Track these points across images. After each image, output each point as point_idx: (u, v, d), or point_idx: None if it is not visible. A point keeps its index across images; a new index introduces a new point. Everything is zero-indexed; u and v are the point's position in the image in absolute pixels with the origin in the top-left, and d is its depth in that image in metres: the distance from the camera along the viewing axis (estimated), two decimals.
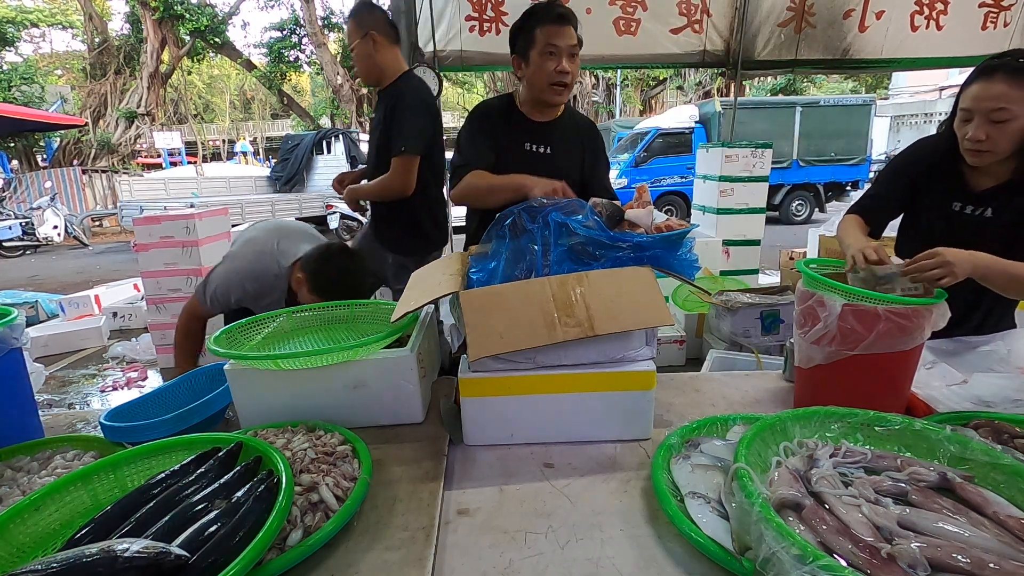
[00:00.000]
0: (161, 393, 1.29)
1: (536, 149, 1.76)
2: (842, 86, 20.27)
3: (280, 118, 28.17)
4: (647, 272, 1.10)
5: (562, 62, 1.61)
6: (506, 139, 1.74)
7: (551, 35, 1.60)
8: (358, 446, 1.00)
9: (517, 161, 1.71)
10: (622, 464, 1.04)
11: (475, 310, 1.05)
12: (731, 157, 4.37)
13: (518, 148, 1.74)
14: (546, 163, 1.73)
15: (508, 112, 1.77)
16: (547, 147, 1.76)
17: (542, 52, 1.61)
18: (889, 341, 0.99)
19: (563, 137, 1.79)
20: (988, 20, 4.01)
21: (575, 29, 1.63)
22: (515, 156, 1.73)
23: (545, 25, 1.60)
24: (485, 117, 1.78)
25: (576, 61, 1.65)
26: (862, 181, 10.92)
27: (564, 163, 1.76)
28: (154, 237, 3.65)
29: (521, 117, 1.76)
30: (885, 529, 0.69)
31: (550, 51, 1.61)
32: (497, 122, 1.75)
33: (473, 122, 1.79)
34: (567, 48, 1.61)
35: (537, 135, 1.76)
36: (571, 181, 1.73)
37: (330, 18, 17.31)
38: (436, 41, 3.88)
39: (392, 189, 2.05)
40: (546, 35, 1.60)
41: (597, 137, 1.90)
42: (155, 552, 0.64)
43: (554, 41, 1.60)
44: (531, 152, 1.75)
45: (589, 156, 1.85)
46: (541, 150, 1.76)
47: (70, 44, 23.37)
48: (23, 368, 1.16)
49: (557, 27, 1.59)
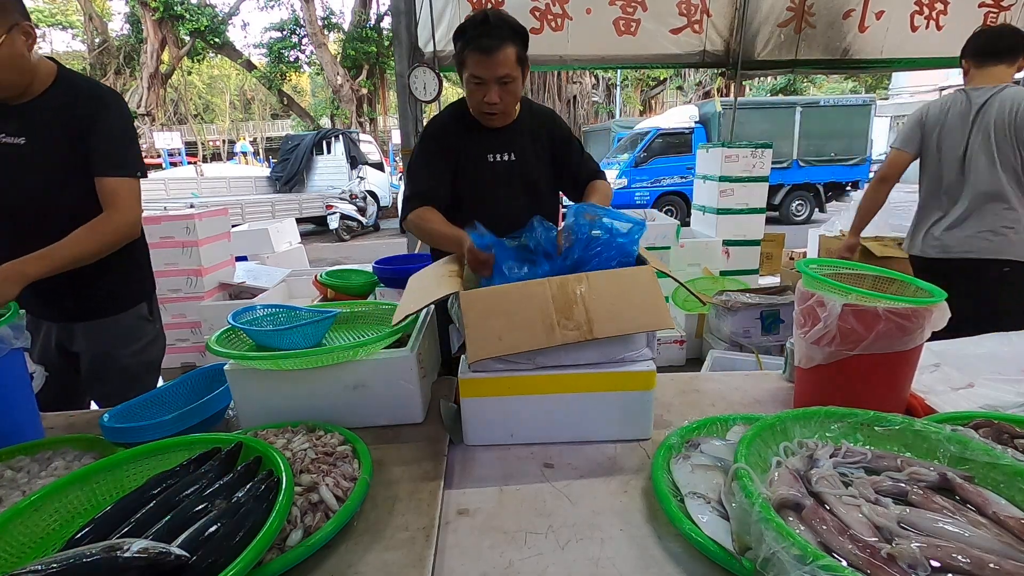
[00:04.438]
0: (161, 393, 1.29)
1: (500, 158, 1.64)
2: (842, 86, 20.28)
3: (280, 118, 28.18)
4: (648, 273, 1.10)
5: (490, 93, 1.47)
6: (466, 153, 1.62)
7: (476, 66, 1.45)
8: (358, 446, 1.00)
9: (482, 174, 1.62)
10: (622, 464, 1.04)
11: (475, 311, 1.05)
12: (731, 157, 4.38)
13: (481, 161, 1.63)
14: (511, 171, 1.65)
15: (464, 123, 1.63)
16: (510, 154, 1.65)
17: (471, 80, 1.48)
18: (889, 341, 0.98)
19: (525, 139, 1.67)
20: (988, 20, 4.02)
21: (517, 47, 1.46)
22: (479, 170, 1.63)
23: (472, 52, 1.44)
24: (440, 136, 1.63)
25: (511, 87, 1.49)
26: (862, 181, 10.91)
27: (531, 167, 1.67)
28: (154, 237, 3.64)
29: (478, 126, 1.62)
30: (885, 529, 0.69)
31: (475, 82, 1.47)
32: (454, 138, 1.62)
33: (428, 143, 1.64)
34: (494, 79, 1.45)
35: (498, 143, 1.64)
36: (542, 182, 1.70)
37: (330, 18, 17.34)
38: (436, 41, 3.88)
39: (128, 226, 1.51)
40: (473, 64, 1.45)
41: (560, 125, 1.76)
42: (155, 553, 0.64)
43: (478, 73, 1.45)
44: (495, 162, 1.64)
45: (560, 147, 1.72)
46: (505, 158, 1.64)
47: (70, 44, 23.40)
48: (23, 368, 1.16)
49: (484, 57, 1.43)
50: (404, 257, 3.16)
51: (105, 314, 1.61)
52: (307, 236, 10.25)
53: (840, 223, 4.60)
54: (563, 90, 19.97)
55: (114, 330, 1.62)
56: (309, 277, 3.60)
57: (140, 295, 1.68)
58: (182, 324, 3.79)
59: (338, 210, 10.71)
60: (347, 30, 16.96)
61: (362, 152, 12.57)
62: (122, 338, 1.64)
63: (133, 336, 1.66)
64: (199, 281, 3.72)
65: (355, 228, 11.21)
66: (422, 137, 1.67)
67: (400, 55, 3.92)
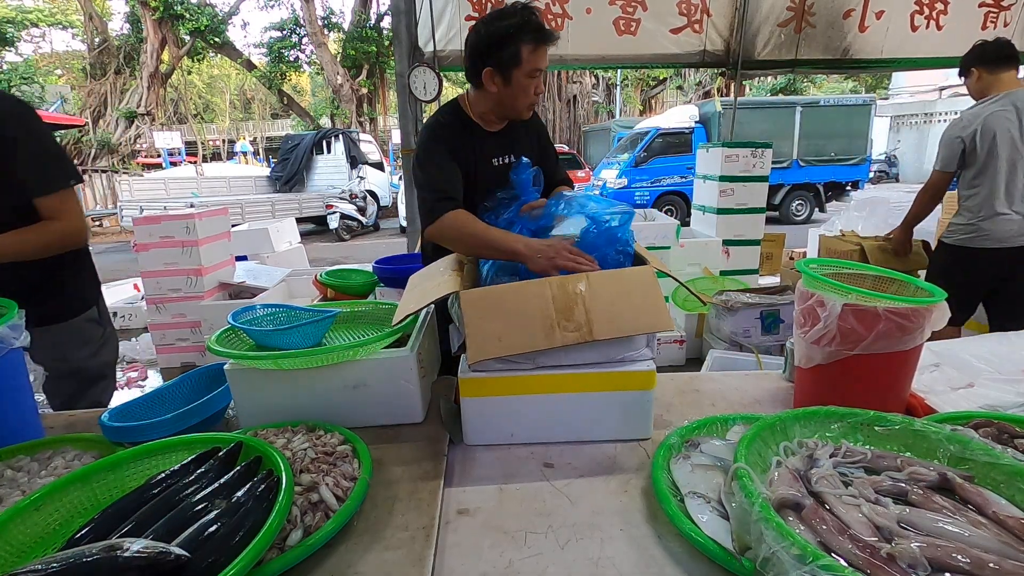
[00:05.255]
0: (161, 393, 1.29)
1: (504, 161, 1.64)
2: (842, 86, 20.28)
3: (280, 118, 28.17)
4: (649, 274, 1.10)
5: (540, 82, 1.49)
6: (472, 158, 1.58)
7: (539, 58, 1.43)
8: (358, 446, 1.00)
9: (487, 179, 1.60)
10: (622, 464, 1.04)
11: (475, 312, 1.05)
12: (731, 157, 4.37)
13: (486, 165, 1.61)
14: None
15: (466, 127, 1.59)
16: (512, 156, 1.64)
17: (530, 74, 1.44)
18: (889, 341, 0.98)
19: (523, 140, 1.69)
20: (988, 20, 4.02)
21: None
22: (485, 174, 1.60)
23: (532, 44, 1.41)
24: (448, 138, 1.56)
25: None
26: (862, 181, 10.93)
27: None
28: (154, 237, 3.65)
29: (480, 131, 1.60)
30: (885, 529, 0.69)
31: (534, 75, 1.46)
32: (460, 142, 1.57)
33: (440, 143, 1.55)
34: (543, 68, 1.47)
35: (501, 147, 1.63)
36: None
37: (330, 18, 17.32)
38: (436, 41, 3.88)
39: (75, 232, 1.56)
40: (534, 57, 1.43)
41: (543, 126, 1.79)
42: (155, 552, 0.64)
43: (541, 66, 1.44)
44: (500, 166, 1.63)
45: (544, 150, 1.75)
46: (507, 160, 1.64)
47: (70, 44, 23.41)
48: (23, 368, 1.16)
49: (544, 47, 1.43)
50: (404, 257, 3.16)
51: (58, 320, 1.66)
52: (307, 236, 10.25)
53: (840, 223, 4.60)
54: (563, 90, 19.97)
55: (68, 335, 1.68)
56: (309, 277, 3.60)
57: (89, 300, 1.75)
58: (182, 324, 3.79)
59: (338, 210, 10.70)
60: (347, 30, 16.94)
61: (362, 152, 12.56)
62: (76, 342, 1.70)
63: (85, 339, 1.73)
64: (199, 281, 3.72)
65: (355, 228, 11.20)
66: (433, 137, 1.56)
67: (400, 55, 3.92)
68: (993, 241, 2.47)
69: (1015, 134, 2.36)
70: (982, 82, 2.44)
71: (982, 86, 2.45)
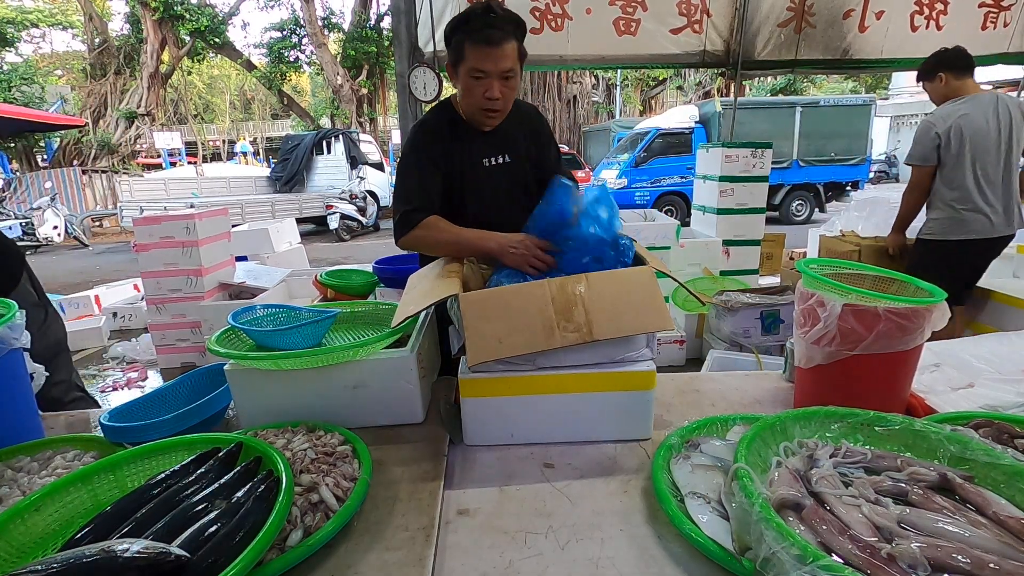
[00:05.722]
0: (161, 393, 1.29)
1: (494, 161, 1.57)
2: (842, 86, 20.27)
3: (280, 118, 28.18)
4: (648, 274, 1.10)
5: (492, 87, 1.39)
6: (461, 159, 1.53)
7: (480, 59, 1.36)
8: (358, 446, 1.00)
9: (477, 180, 1.55)
10: (622, 464, 1.04)
11: (475, 313, 1.05)
12: (731, 157, 4.37)
13: (476, 166, 1.55)
14: (507, 174, 1.59)
15: (454, 127, 1.53)
16: (504, 156, 1.58)
17: (472, 73, 1.39)
18: (889, 341, 0.99)
19: (517, 139, 1.61)
20: (988, 20, 4.02)
21: (518, 41, 1.41)
22: (474, 175, 1.55)
23: (474, 44, 1.36)
24: (430, 144, 1.52)
25: (512, 82, 1.43)
26: (862, 181, 10.91)
27: (524, 168, 1.62)
28: (154, 237, 3.65)
29: (470, 130, 1.54)
30: (885, 529, 0.69)
31: (476, 76, 1.39)
32: (446, 143, 1.52)
33: (419, 151, 1.51)
34: (497, 73, 1.38)
35: (492, 146, 1.57)
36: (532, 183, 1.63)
37: (330, 18, 17.33)
38: (436, 41, 3.87)
39: None
40: (476, 57, 1.36)
41: (544, 123, 1.71)
42: (155, 552, 0.64)
43: (482, 67, 1.37)
44: (491, 167, 1.57)
45: (543, 147, 1.67)
46: (499, 160, 1.58)
47: (70, 44, 23.42)
48: (23, 368, 1.16)
49: (489, 49, 1.35)
50: (404, 257, 3.15)
51: None
52: (307, 236, 10.25)
53: (840, 223, 4.59)
54: (563, 90, 19.98)
55: None
56: (309, 277, 3.60)
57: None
58: (182, 324, 3.79)
59: (338, 210, 10.70)
60: (347, 30, 16.95)
61: (362, 152, 12.56)
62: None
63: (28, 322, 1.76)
64: (199, 281, 3.72)
65: (355, 228, 11.20)
66: (410, 146, 1.54)
67: (400, 55, 3.92)
68: (973, 233, 2.62)
69: (989, 131, 2.55)
70: (948, 86, 2.64)
71: (947, 90, 2.65)
